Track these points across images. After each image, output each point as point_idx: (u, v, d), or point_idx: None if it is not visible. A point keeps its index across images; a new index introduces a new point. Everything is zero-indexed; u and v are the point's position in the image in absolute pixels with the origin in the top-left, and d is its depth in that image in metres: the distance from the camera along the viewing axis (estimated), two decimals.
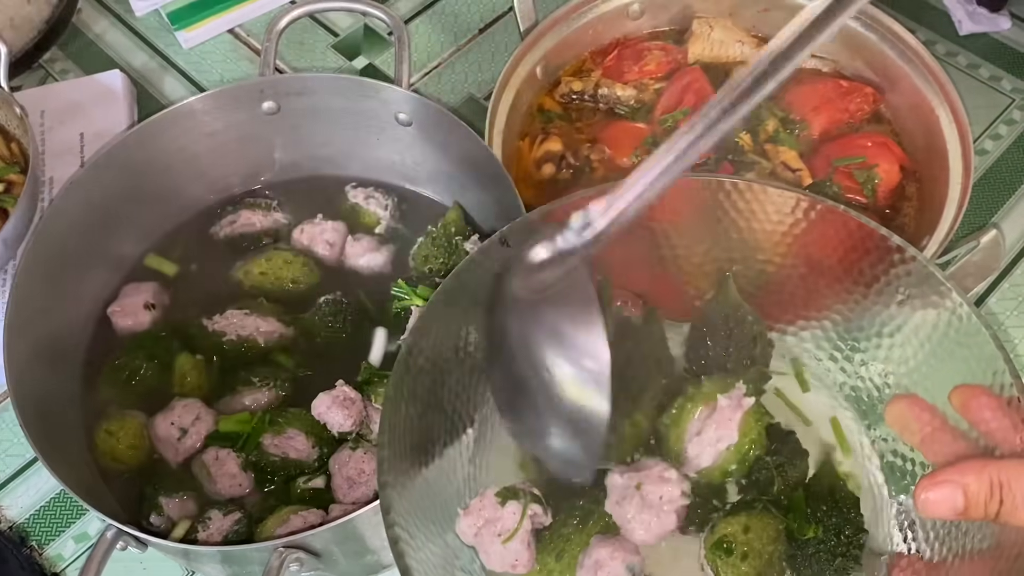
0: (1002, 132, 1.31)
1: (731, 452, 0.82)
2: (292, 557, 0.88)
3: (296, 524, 0.95)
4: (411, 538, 0.76)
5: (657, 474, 0.80)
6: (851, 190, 1.15)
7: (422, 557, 0.76)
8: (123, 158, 1.13)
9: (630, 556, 0.79)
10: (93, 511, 0.90)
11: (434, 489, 0.83)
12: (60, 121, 1.35)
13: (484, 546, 0.80)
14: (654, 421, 0.85)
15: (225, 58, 1.49)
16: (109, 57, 1.49)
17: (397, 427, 0.79)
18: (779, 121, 1.21)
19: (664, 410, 0.85)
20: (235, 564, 0.96)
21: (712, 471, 0.82)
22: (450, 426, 0.86)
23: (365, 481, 0.97)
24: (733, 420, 0.82)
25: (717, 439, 0.82)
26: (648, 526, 0.80)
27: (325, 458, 1.01)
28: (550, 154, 1.20)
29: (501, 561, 0.80)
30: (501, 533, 0.80)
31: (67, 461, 0.98)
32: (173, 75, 1.47)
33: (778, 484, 0.82)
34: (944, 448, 0.77)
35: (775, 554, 0.79)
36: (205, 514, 0.98)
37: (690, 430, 0.82)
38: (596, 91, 1.26)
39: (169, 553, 1.01)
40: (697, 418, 0.83)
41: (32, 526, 1.10)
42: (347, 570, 1.00)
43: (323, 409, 1.00)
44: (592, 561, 0.79)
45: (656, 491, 0.79)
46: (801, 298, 0.89)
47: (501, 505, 0.80)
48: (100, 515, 0.90)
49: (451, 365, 0.86)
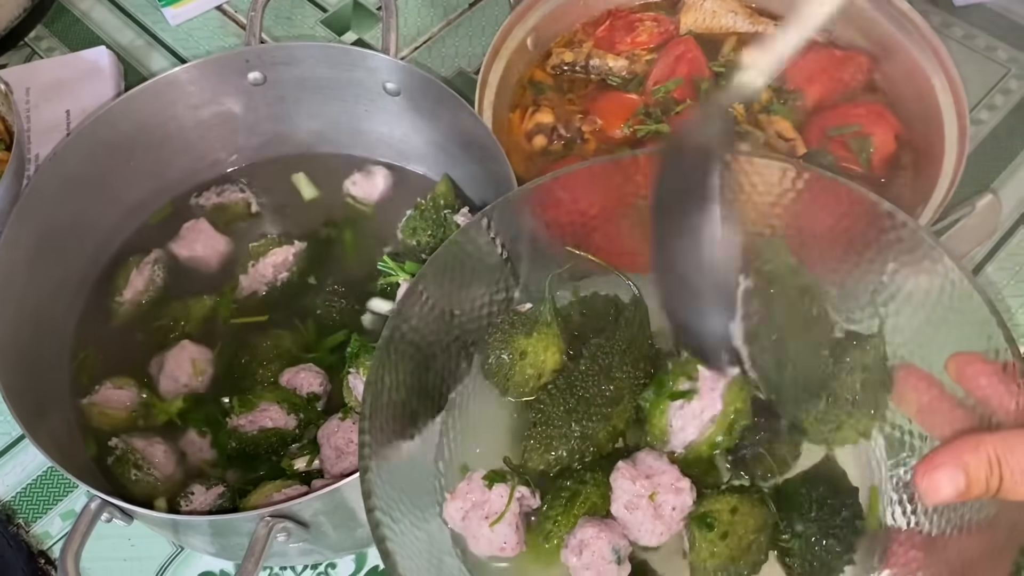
0: (998, 102, 1.29)
1: (716, 423, 0.80)
2: (279, 527, 0.88)
3: (280, 499, 0.94)
4: (394, 523, 0.75)
5: (670, 483, 0.78)
6: (846, 159, 1.13)
7: (406, 542, 0.75)
8: (108, 130, 1.12)
9: (616, 538, 0.78)
10: (78, 482, 0.89)
11: (419, 475, 0.82)
12: (46, 98, 1.34)
13: (472, 530, 0.79)
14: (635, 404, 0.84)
15: (213, 35, 1.47)
16: (95, 35, 1.48)
17: (379, 412, 0.78)
18: (772, 91, 1.19)
19: (645, 388, 0.83)
20: (223, 535, 0.96)
21: (699, 445, 0.81)
22: (434, 411, 0.85)
23: (353, 451, 0.96)
24: (716, 390, 0.80)
25: (701, 410, 0.80)
26: (657, 535, 0.78)
27: (304, 423, 1.02)
28: (541, 126, 1.19)
29: (489, 545, 0.79)
30: (489, 516, 0.78)
31: (53, 436, 0.97)
32: (160, 52, 1.46)
33: (767, 462, 0.81)
34: (942, 418, 0.77)
35: (755, 543, 0.78)
36: (188, 488, 0.98)
37: (672, 404, 0.81)
38: (587, 62, 1.25)
39: (156, 525, 1.00)
40: (679, 389, 0.81)
41: (19, 504, 1.10)
42: (337, 543, 1.00)
43: (289, 376, 1.03)
44: (577, 541, 0.77)
45: (670, 502, 0.78)
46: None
47: (488, 488, 0.79)
48: (85, 486, 0.89)
49: (435, 348, 0.85)
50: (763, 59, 0.79)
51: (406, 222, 1.13)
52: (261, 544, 0.86)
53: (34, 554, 1.06)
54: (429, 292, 0.82)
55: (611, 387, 0.82)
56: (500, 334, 0.85)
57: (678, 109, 1.18)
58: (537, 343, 0.84)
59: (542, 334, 0.84)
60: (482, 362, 0.86)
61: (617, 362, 0.83)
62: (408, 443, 0.82)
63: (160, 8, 1.47)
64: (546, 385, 0.84)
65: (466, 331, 0.87)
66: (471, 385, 0.88)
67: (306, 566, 1.04)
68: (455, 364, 0.87)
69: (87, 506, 0.89)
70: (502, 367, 0.85)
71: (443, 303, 0.84)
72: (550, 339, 0.84)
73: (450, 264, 0.83)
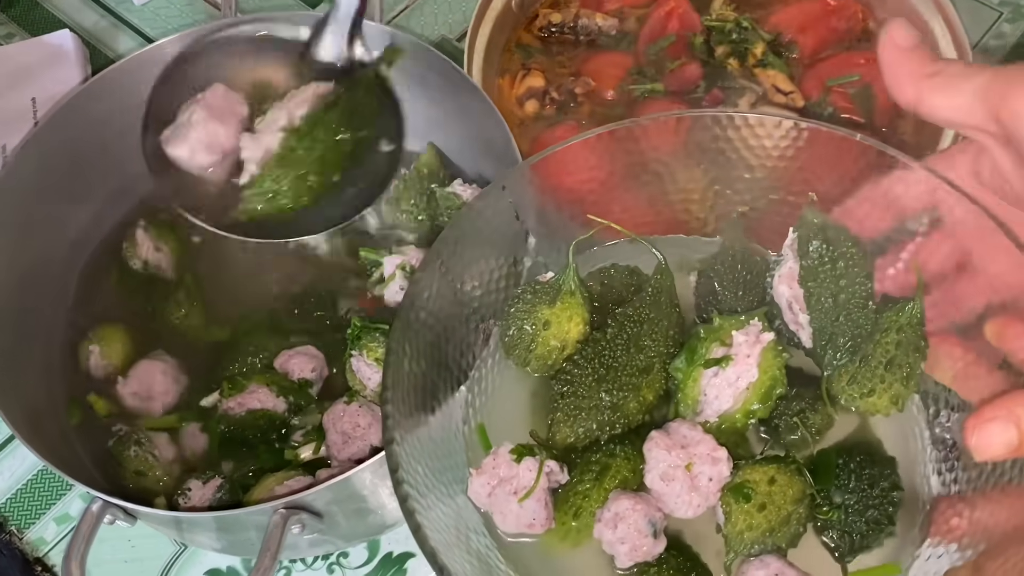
0: (992, 46, 1.27)
1: (752, 391, 0.77)
2: (294, 519, 0.85)
3: (283, 491, 0.92)
4: (421, 497, 0.72)
5: (707, 453, 0.75)
6: (846, 111, 1.12)
7: (433, 517, 0.72)
8: (80, 116, 1.08)
9: (652, 511, 0.75)
10: (77, 484, 0.86)
11: (442, 450, 0.79)
12: (9, 86, 1.30)
13: (499, 506, 0.76)
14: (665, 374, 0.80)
15: (181, 13, 1.43)
16: (56, 18, 1.44)
17: (400, 384, 0.74)
18: (767, 44, 1.17)
19: (675, 356, 0.80)
20: (231, 531, 0.93)
21: (733, 414, 0.78)
22: (455, 385, 0.82)
23: (361, 435, 0.94)
24: (752, 357, 0.77)
25: (736, 377, 0.77)
26: (694, 506, 0.75)
27: (293, 407, 1.00)
28: (532, 90, 1.16)
29: (517, 521, 0.75)
30: (517, 492, 0.75)
31: (44, 436, 0.94)
32: (127, 33, 1.42)
33: (800, 431, 0.78)
34: (980, 383, 0.74)
35: (794, 515, 0.75)
36: (184, 485, 0.96)
37: (706, 372, 0.77)
38: (576, 22, 1.21)
39: (161, 524, 0.98)
40: (712, 357, 0.78)
41: (10, 510, 1.06)
42: (349, 532, 0.98)
43: (283, 360, 1.02)
44: (611, 514, 0.74)
45: (707, 472, 0.75)
46: None
47: (516, 462, 0.76)
48: (85, 487, 0.86)
49: (453, 321, 0.82)
50: None
51: (391, 194, 1.09)
52: (277, 537, 0.83)
53: (30, 562, 1.03)
54: (446, 261, 0.79)
55: (640, 356, 0.79)
56: (521, 304, 0.82)
57: (672, 67, 1.15)
58: (561, 313, 0.81)
59: (566, 303, 0.81)
60: (502, 335, 0.83)
61: (646, 330, 0.79)
62: (430, 417, 0.78)
63: None
64: (571, 356, 0.81)
65: (484, 304, 0.84)
66: (490, 360, 0.85)
67: (317, 557, 1.02)
68: (473, 338, 0.84)
69: (89, 508, 0.86)
70: (524, 339, 0.81)
71: (461, 273, 0.81)
72: (574, 309, 0.81)
73: (468, 232, 0.80)
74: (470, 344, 0.84)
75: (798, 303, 0.79)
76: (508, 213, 0.82)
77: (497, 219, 0.82)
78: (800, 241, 0.79)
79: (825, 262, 0.77)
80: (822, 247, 0.78)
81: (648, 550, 0.74)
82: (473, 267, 0.82)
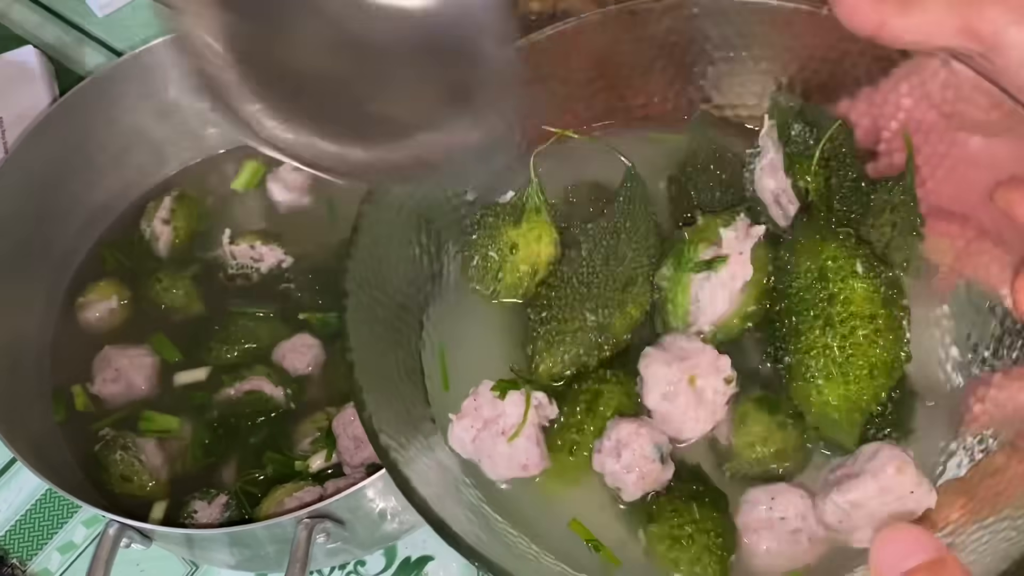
0: None
1: (748, 291, 0.71)
2: (319, 528, 0.83)
3: (293, 504, 0.90)
4: (402, 448, 0.64)
5: (709, 363, 0.68)
6: None
7: (419, 469, 0.64)
8: (53, 136, 1.05)
9: (656, 434, 0.68)
10: (87, 506, 0.85)
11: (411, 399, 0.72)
12: None
13: (486, 451, 0.68)
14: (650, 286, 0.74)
15: (145, 22, 1.38)
16: (16, 35, 1.39)
17: (361, 327, 0.68)
18: None
19: (659, 266, 0.73)
20: (247, 546, 0.91)
21: (730, 319, 0.71)
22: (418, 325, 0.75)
23: None
24: (744, 253, 0.70)
25: (731, 277, 0.70)
26: (702, 423, 0.69)
27: (291, 399, 1.00)
28: None
29: (509, 465, 0.68)
30: (505, 431, 0.67)
31: (47, 461, 0.91)
32: (92, 46, 1.38)
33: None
34: (988, 258, 0.69)
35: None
36: (188, 507, 0.93)
37: (696, 277, 0.71)
38: (556, 8, 1.17)
39: (174, 543, 0.94)
40: (702, 259, 0.71)
41: (10, 542, 1.03)
42: (367, 540, 0.96)
43: (281, 355, 1.02)
44: (613, 443, 0.67)
45: (711, 384, 0.68)
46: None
47: (500, 399, 0.68)
48: (98, 511, 0.85)
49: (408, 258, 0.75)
50: None
51: None
52: (304, 548, 0.82)
53: None
54: (394, 197, 0.72)
55: (620, 268, 0.72)
56: (484, 230, 0.75)
57: None
58: (528, 233, 0.74)
59: (532, 223, 0.74)
60: (464, 266, 0.76)
61: (623, 240, 0.73)
62: (394, 365, 0.71)
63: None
64: (544, 280, 0.74)
65: (439, 233, 0.77)
66: (450, 296, 0.77)
67: (334, 567, 0.99)
68: (430, 272, 0.77)
69: (105, 532, 0.85)
70: (490, 267, 0.74)
71: (408, 208, 0.74)
72: (542, 227, 0.74)
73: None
74: (427, 277, 0.77)
75: (786, 195, 0.72)
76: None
77: None
78: (779, 128, 0.73)
79: (811, 145, 0.72)
80: (804, 130, 0.72)
81: (657, 476, 0.67)
82: (423, 195, 0.75)
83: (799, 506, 0.66)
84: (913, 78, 0.70)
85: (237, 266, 1.09)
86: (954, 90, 0.68)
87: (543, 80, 0.78)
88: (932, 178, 0.72)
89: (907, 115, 0.72)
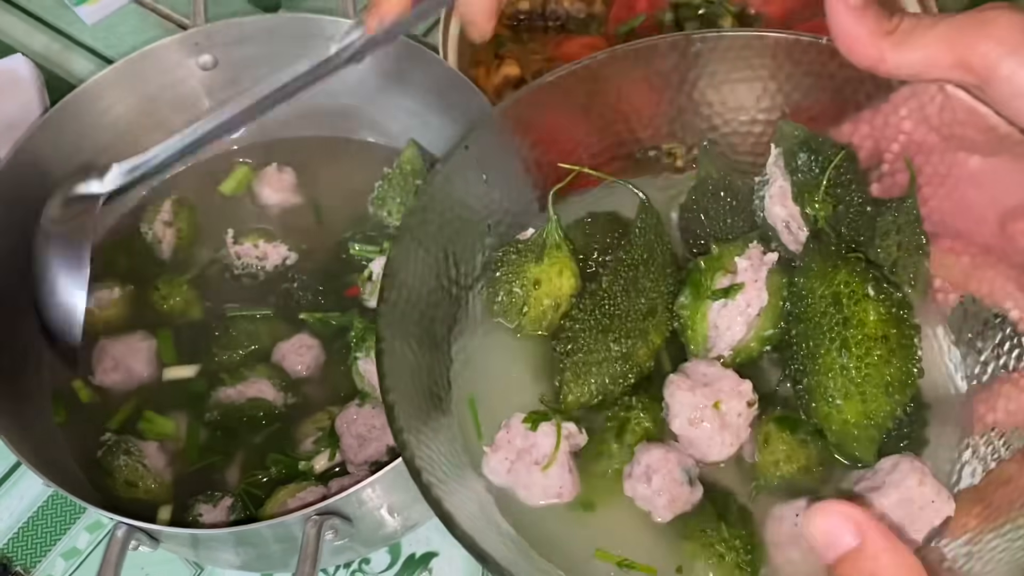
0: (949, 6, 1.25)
1: (764, 316, 0.74)
2: (328, 524, 0.84)
3: (296, 504, 0.91)
4: (442, 483, 0.67)
5: (731, 387, 0.71)
6: None
7: (457, 502, 0.67)
8: (46, 146, 1.06)
9: (683, 458, 0.71)
10: (91, 511, 0.87)
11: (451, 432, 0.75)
12: None
13: (521, 480, 0.71)
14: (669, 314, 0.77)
15: (135, 29, 1.39)
16: (5, 44, 1.39)
17: (396, 369, 0.70)
18: (734, 16, 1.16)
19: (677, 294, 0.76)
20: (254, 545, 0.92)
21: (747, 343, 0.74)
22: (448, 361, 0.78)
23: (376, 437, 0.93)
24: (759, 280, 0.73)
25: (747, 304, 0.73)
26: (726, 446, 0.72)
27: (289, 401, 1.01)
28: (509, 79, 1.14)
29: (544, 492, 0.71)
30: (539, 461, 0.71)
31: (52, 466, 0.92)
32: (81, 54, 1.38)
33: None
34: (994, 272, 0.72)
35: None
36: (194, 510, 0.94)
37: (714, 305, 0.74)
38: (544, 8, 1.19)
39: (180, 544, 0.95)
40: (718, 288, 0.74)
41: (13, 549, 1.04)
42: (371, 538, 0.97)
43: (281, 355, 1.03)
44: (643, 468, 0.70)
45: (735, 408, 0.71)
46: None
47: (532, 431, 0.71)
48: (105, 513, 0.85)
49: (436, 294, 0.77)
50: None
51: (376, 195, 1.08)
52: (314, 544, 0.83)
53: None
54: (416, 233, 0.74)
55: (642, 299, 0.74)
56: (506, 266, 0.78)
57: None
58: (550, 268, 0.76)
59: (553, 258, 0.77)
60: (489, 301, 0.79)
61: (643, 272, 0.75)
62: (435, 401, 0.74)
63: (73, 7, 1.38)
64: (567, 313, 0.77)
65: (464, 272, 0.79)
66: (477, 330, 0.80)
67: (339, 566, 1.01)
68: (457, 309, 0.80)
69: (113, 535, 0.85)
70: (515, 302, 0.77)
71: (434, 243, 0.76)
72: (563, 263, 0.77)
73: (437, 198, 0.76)
74: (456, 317, 0.79)
75: (795, 221, 0.75)
76: (475, 174, 0.78)
77: (464, 182, 0.77)
78: (785, 156, 0.76)
79: (817, 173, 0.74)
80: (810, 158, 0.75)
81: (687, 498, 0.70)
82: (446, 235, 0.77)
83: None
84: (912, 102, 0.73)
85: (242, 265, 1.10)
86: (951, 113, 0.71)
87: (557, 118, 0.81)
88: (934, 197, 0.74)
89: (907, 137, 0.74)
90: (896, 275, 0.74)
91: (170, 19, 1.40)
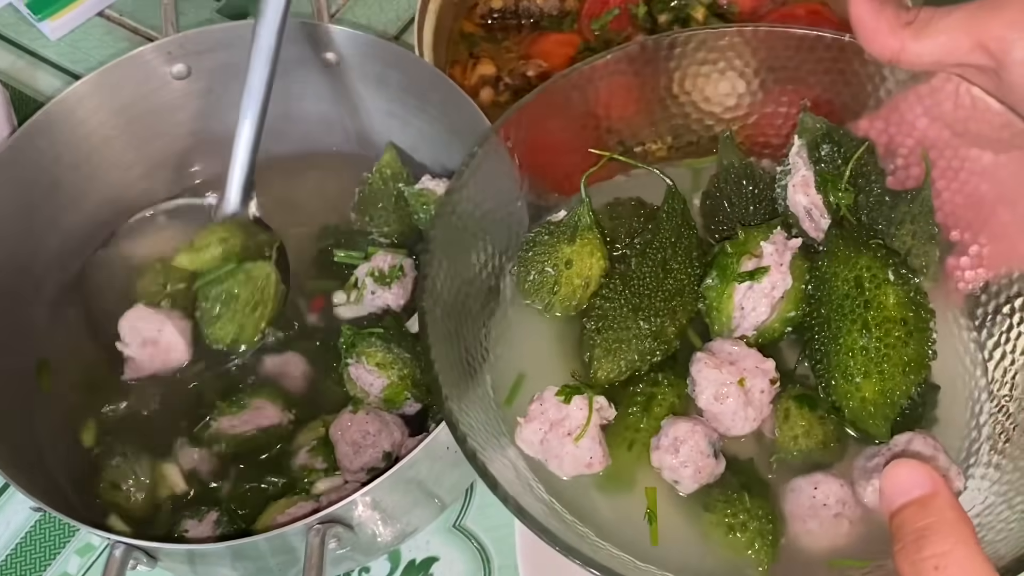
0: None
1: (787, 299, 0.77)
2: (331, 533, 0.83)
3: (285, 520, 0.89)
4: (483, 449, 0.70)
5: (755, 365, 0.75)
6: None
7: (498, 468, 0.70)
8: (16, 165, 1.01)
9: (709, 431, 0.74)
10: (83, 532, 0.86)
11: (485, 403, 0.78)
12: None
13: (553, 451, 0.74)
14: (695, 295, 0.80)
15: (101, 43, 1.36)
16: None
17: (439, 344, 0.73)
18: (706, 7, 1.18)
19: (704, 276, 0.80)
20: (251, 559, 0.90)
21: (771, 324, 0.78)
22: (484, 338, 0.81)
23: (371, 443, 0.91)
24: (784, 264, 0.77)
25: (771, 287, 0.77)
26: (750, 421, 0.75)
27: (295, 417, 0.99)
28: (485, 78, 1.15)
29: (575, 463, 0.74)
30: (571, 432, 0.73)
31: (41, 486, 0.90)
32: (46, 71, 1.35)
33: None
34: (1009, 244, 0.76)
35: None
36: (180, 526, 0.92)
37: (740, 287, 0.77)
38: (517, 6, 1.21)
39: (176, 561, 0.92)
40: (744, 270, 0.78)
41: (6, 573, 1.01)
42: (371, 546, 0.95)
43: (277, 374, 1.01)
44: (670, 440, 0.73)
45: (759, 385, 0.74)
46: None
47: (565, 403, 0.74)
48: (101, 534, 0.83)
49: (471, 272, 0.80)
50: None
51: (357, 201, 1.07)
52: (318, 554, 0.81)
53: None
54: (458, 211, 0.77)
55: (670, 280, 0.78)
56: (539, 247, 0.81)
57: (618, 40, 1.16)
58: (581, 249, 0.80)
59: (585, 239, 0.80)
60: (520, 281, 0.81)
61: (671, 255, 0.79)
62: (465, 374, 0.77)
63: (36, 23, 1.36)
64: (597, 292, 0.80)
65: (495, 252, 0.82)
66: (507, 309, 0.83)
67: None
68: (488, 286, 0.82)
69: (111, 555, 0.82)
70: (546, 281, 0.80)
71: (472, 223, 0.79)
72: (594, 244, 0.80)
73: (477, 181, 0.78)
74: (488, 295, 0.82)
75: (817, 209, 0.79)
76: (507, 160, 0.81)
77: (497, 168, 0.80)
78: (808, 147, 0.79)
79: (839, 164, 0.78)
80: (833, 150, 0.79)
81: (712, 470, 0.73)
82: (480, 217, 0.80)
83: (840, 493, 0.72)
84: (927, 99, 0.77)
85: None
86: (965, 110, 0.75)
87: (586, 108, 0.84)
88: (947, 190, 0.79)
89: (922, 133, 0.78)
90: (910, 262, 0.77)
91: (137, 32, 1.36)
